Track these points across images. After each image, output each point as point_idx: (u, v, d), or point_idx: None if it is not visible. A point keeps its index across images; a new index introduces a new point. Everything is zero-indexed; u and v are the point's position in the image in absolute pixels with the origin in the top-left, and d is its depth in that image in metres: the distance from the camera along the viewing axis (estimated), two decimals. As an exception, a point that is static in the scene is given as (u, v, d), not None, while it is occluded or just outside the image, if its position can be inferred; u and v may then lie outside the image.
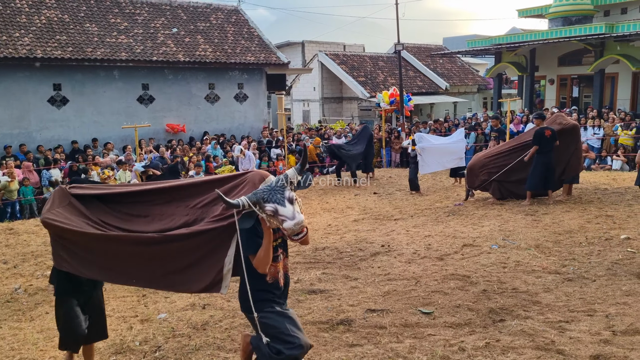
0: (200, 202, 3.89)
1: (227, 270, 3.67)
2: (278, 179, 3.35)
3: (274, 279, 3.55)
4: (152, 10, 20.19)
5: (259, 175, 3.67)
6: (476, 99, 33.48)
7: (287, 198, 3.26)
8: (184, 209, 3.95)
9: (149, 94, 18.62)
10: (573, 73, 24.89)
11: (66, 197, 4.26)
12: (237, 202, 3.29)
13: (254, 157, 15.03)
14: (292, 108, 32.91)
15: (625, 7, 23.99)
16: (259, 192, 3.30)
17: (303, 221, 3.23)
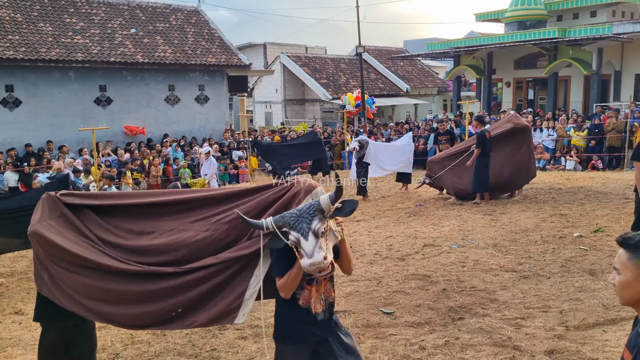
0: (228, 216, 3.34)
1: (250, 294, 3.20)
2: (310, 204, 2.88)
3: (307, 304, 3.03)
4: (109, 10, 19.76)
5: (306, 187, 3.18)
6: (436, 101, 34.05)
7: (313, 230, 2.78)
8: (204, 223, 3.41)
9: (106, 95, 18.20)
10: (528, 76, 25.63)
11: (58, 206, 3.66)
12: (261, 224, 2.96)
13: (215, 162, 14.82)
14: (254, 110, 32.75)
15: (577, 13, 24.85)
16: (287, 215, 2.89)
17: (320, 262, 2.72)
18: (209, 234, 3.33)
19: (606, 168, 14.89)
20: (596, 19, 23.74)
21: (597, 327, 4.91)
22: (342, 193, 2.89)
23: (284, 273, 2.93)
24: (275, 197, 3.26)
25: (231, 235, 3.29)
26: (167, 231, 3.47)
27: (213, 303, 3.27)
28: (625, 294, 1.93)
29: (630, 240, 1.91)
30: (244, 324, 5.38)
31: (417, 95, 32.00)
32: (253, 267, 3.17)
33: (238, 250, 3.21)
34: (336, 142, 18.49)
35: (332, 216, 2.89)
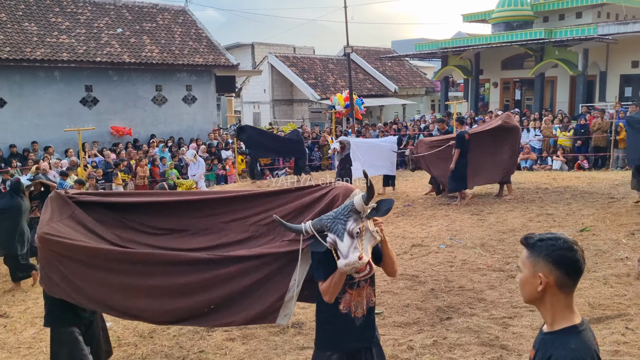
0: (267, 219, 3.28)
1: (289, 297, 3.16)
2: (345, 205, 2.89)
3: (348, 308, 3.00)
4: (95, 9, 19.58)
5: (344, 189, 3.16)
6: (424, 102, 34.16)
7: (348, 231, 2.79)
8: (241, 224, 3.34)
9: (92, 95, 18.03)
10: (515, 76, 25.80)
11: (68, 206, 3.52)
12: (300, 228, 2.95)
13: (203, 163, 14.69)
14: (242, 110, 32.63)
15: (563, 14, 25.06)
16: (325, 218, 2.90)
17: (355, 262, 2.72)
18: (248, 235, 3.30)
19: (592, 168, 15.03)
20: (582, 20, 23.95)
21: (584, 325, 4.94)
22: (374, 193, 2.87)
23: (327, 277, 2.90)
24: (313, 200, 3.23)
25: (269, 237, 3.25)
26: (201, 230, 3.40)
27: (250, 303, 3.20)
28: (524, 291, 1.97)
29: (530, 239, 1.95)
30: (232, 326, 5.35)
31: (405, 95, 32.09)
32: (291, 270, 3.13)
33: (273, 248, 3.15)
34: (324, 142, 18.49)
35: (369, 216, 2.87)
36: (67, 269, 3.39)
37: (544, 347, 1.92)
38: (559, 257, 1.89)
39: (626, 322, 4.94)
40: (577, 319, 1.96)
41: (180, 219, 3.45)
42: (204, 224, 3.40)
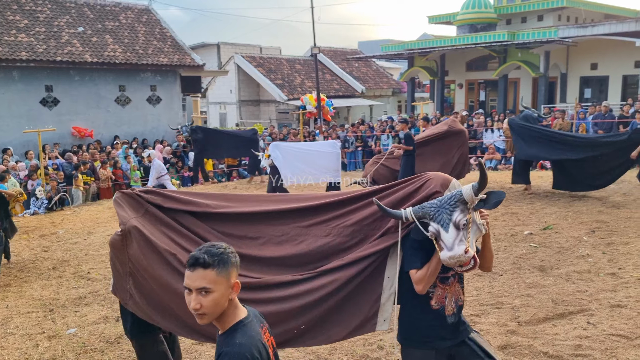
0: (352, 219, 3.10)
1: (386, 297, 2.95)
2: (451, 195, 2.74)
3: (440, 304, 2.88)
4: (56, 7, 19.06)
5: (441, 179, 2.99)
6: (391, 102, 34.47)
7: (453, 222, 2.65)
8: (321, 227, 3.12)
9: (53, 96, 17.56)
10: (480, 78, 26.29)
11: (139, 204, 3.28)
12: (400, 214, 2.80)
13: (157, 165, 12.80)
14: (208, 111, 32.30)
15: (525, 17, 25.66)
16: (427, 205, 2.75)
17: (461, 256, 2.60)
18: (329, 239, 3.08)
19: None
20: (543, 23, 24.57)
21: (547, 321, 5.06)
22: (487, 182, 2.71)
23: (422, 265, 2.78)
24: (407, 194, 3.04)
25: (354, 239, 3.05)
26: (276, 236, 3.17)
27: (347, 315, 2.99)
28: (218, 309, 1.99)
29: (209, 259, 1.97)
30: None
31: (372, 96, 32.31)
32: (382, 269, 2.95)
33: (363, 251, 2.94)
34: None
35: (476, 208, 2.73)
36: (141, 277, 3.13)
37: (217, 349, 2.01)
38: (236, 259, 2.05)
39: (588, 317, 5.07)
40: (243, 313, 2.08)
41: (251, 226, 3.23)
42: (279, 230, 3.18)
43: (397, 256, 2.90)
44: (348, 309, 2.98)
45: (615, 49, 20.59)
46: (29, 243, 9.38)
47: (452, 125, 11.21)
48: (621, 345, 4.49)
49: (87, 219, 11.40)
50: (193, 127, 14.61)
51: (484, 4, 25.22)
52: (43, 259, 8.29)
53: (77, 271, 7.57)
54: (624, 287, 5.80)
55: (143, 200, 3.29)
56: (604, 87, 22.28)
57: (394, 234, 2.91)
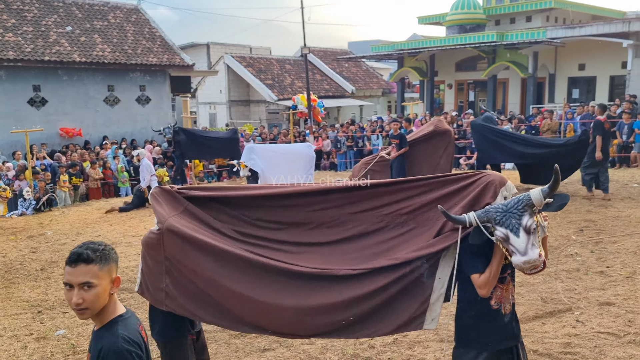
0: (406, 208, 3.06)
1: (436, 298, 2.94)
2: (517, 199, 2.73)
3: (499, 304, 2.89)
4: (43, 7, 18.91)
5: (498, 178, 2.96)
6: (381, 103, 34.57)
7: (524, 226, 2.64)
8: (373, 214, 3.09)
9: (40, 96, 17.41)
10: (469, 78, 26.43)
11: (178, 201, 3.22)
12: (463, 219, 2.76)
13: (146, 165, 12.92)
14: (198, 111, 32.18)
15: (514, 18, 25.83)
16: (492, 210, 2.73)
17: (536, 260, 2.62)
18: (382, 225, 3.06)
19: (542, 167, 15.51)
20: (531, 23, 24.75)
21: (537, 319, 5.09)
22: (558, 187, 2.70)
23: (484, 269, 2.79)
24: (459, 188, 3.00)
25: (406, 227, 3.03)
26: (326, 222, 3.14)
27: (395, 311, 2.98)
28: (99, 304, 2.06)
29: (92, 254, 2.04)
30: (190, 330, 5.25)
31: (362, 96, 32.37)
32: (434, 270, 2.93)
33: (418, 251, 2.91)
34: (282, 144, 18.44)
35: (540, 211, 2.74)
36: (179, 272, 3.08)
37: (95, 344, 2.06)
38: (116, 256, 2.15)
39: (577, 315, 5.12)
40: (122, 309, 2.16)
41: (299, 212, 3.19)
42: (328, 215, 3.14)
43: (450, 258, 2.90)
44: (397, 306, 2.97)
45: (602, 50, 20.79)
46: (17, 244, 9.29)
47: (438, 125, 11.29)
48: (610, 343, 4.53)
49: (76, 219, 11.32)
50: (175, 129, 14.37)
51: (473, 5, 25.36)
52: (31, 260, 8.21)
53: (66, 272, 7.50)
54: (612, 286, 5.85)
55: (182, 197, 3.25)
56: (592, 87, 22.48)
57: (450, 236, 2.88)
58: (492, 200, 2.85)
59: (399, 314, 2.97)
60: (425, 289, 2.93)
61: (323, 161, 18.34)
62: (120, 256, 8.19)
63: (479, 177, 2.97)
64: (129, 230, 10.06)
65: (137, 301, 6.16)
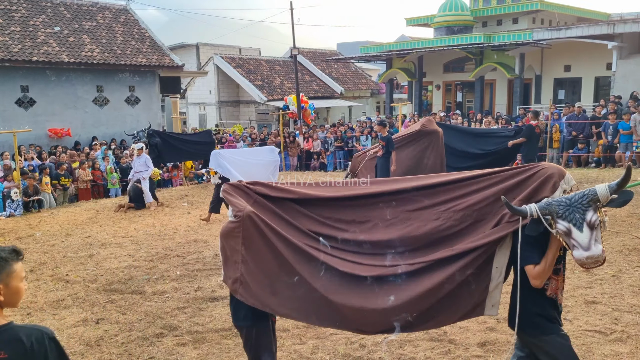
0: (463, 204, 3.09)
1: (494, 286, 3.00)
2: (582, 194, 2.70)
3: (554, 295, 2.95)
4: (31, 7, 18.77)
5: (557, 171, 2.93)
6: (370, 103, 34.67)
7: (588, 222, 2.64)
8: (430, 211, 3.14)
9: (28, 96, 17.28)
10: (457, 79, 26.61)
11: (247, 195, 3.31)
12: (525, 210, 2.77)
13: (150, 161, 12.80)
14: (188, 112, 32.08)
15: (501, 19, 26.04)
16: (555, 203, 2.72)
17: (599, 256, 2.65)
18: (439, 222, 3.08)
19: (529, 167, 15.67)
20: (518, 25, 24.96)
21: (525, 318, 5.17)
22: (627, 184, 2.67)
23: (540, 260, 2.82)
24: (518, 183, 3.01)
25: (464, 223, 3.05)
26: (385, 220, 3.19)
27: (457, 302, 3.03)
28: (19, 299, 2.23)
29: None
30: (182, 330, 5.27)
31: (351, 97, 32.46)
32: (491, 259, 2.97)
33: (474, 242, 2.95)
34: (272, 144, 18.46)
35: (604, 206, 2.73)
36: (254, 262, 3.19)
37: None
38: None
39: (564, 314, 5.19)
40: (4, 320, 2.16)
41: (359, 210, 3.26)
42: (386, 213, 3.20)
43: (506, 248, 2.94)
44: (458, 296, 3.02)
45: (587, 52, 21.03)
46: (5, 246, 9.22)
47: (425, 125, 11.29)
48: (597, 341, 4.62)
49: (65, 220, 11.26)
50: (150, 132, 14.10)
51: (461, 7, 25.53)
52: (20, 262, 8.15)
53: (55, 274, 7.48)
54: (599, 284, 5.96)
55: (251, 191, 3.33)
56: (577, 88, 22.73)
57: (505, 227, 2.91)
58: (551, 194, 2.85)
59: (461, 304, 3.03)
60: (484, 278, 2.99)
61: (313, 161, 18.39)
62: (110, 257, 8.20)
63: (537, 170, 2.98)
64: (119, 231, 10.05)
65: (127, 302, 6.17)
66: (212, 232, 9.70)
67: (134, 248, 8.74)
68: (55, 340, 2.16)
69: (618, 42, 19.46)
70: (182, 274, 7.19)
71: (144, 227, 10.42)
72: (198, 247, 8.62)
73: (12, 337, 2.10)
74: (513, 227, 2.88)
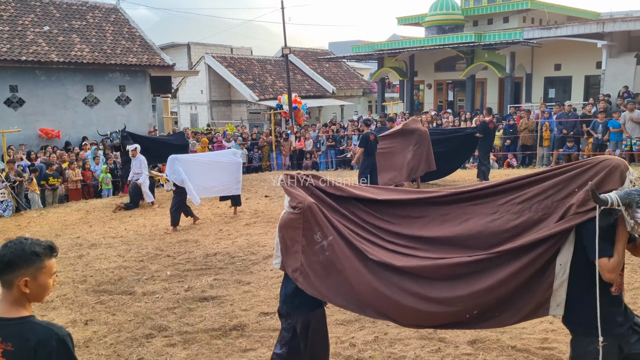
0: (521, 196, 3.05)
1: (559, 284, 2.89)
2: None
3: (619, 291, 2.88)
4: (20, 6, 18.64)
5: (622, 163, 2.89)
6: (362, 102, 34.70)
7: None
8: (488, 206, 3.11)
9: (18, 96, 17.15)
10: (448, 78, 26.69)
11: (306, 187, 3.39)
12: (606, 199, 2.68)
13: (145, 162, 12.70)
14: (179, 111, 31.98)
15: (491, 18, 26.14)
16: (634, 192, 2.66)
17: None
18: (496, 216, 3.04)
19: (520, 165, 15.78)
20: (509, 24, 25.06)
21: (515, 315, 5.19)
22: None
23: (612, 252, 2.73)
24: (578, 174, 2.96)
25: (521, 218, 2.99)
26: (441, 215, 3.20)
27: (519, 300, 2.96)
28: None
29: None
30: (172, 330, 5.25)
31: (342, 96, 32.47)
32: (554, 256, 2.88)
33: (539, 234, 2.87)
34: (263, 143, 18.44)
35: None
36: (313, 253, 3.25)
37: None
38: None
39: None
40: None
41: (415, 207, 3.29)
42: (443, 209, 3.21)
43: (569, 243, 2.87)
44: (521, 294, 2.97)
45: (577, 50, 21.15)
46: (-6, 247, 9.14)
47: (408, 124, 11.95)
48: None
49: (55, 221, 11.19)
50: (124, 134, 13.69)
51: (452, 6, 25.61)
52: (9, 263, 8.09)
53: (45, 275, 7.42)
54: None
55: (309, 184, 3.39)
56: (568, 87, 22.85)
57: (572, 218, 2.85)
58: (619, 185, 2.79)
59: (524, 303, 2.97)
60: (547, 275, 2.91)
61: (305, 161, 18.39)
62: (100, 257, 8.16)
63: (600, 162, 2.93)
64: (109, 232, 9.99)
65: (116, 303, 6.14)
66: (202, 232, 9.68)
67: (124, 248, 8.70)
68: (65, 343, 2.13)
69: (607, 41, 19.58)
70: (173, 274, 7.17)
71: (135, 227, 10.37)
72: (189, 247, 8.59)
73: (25, 331, 2.10)
74: (579, 219, 2.81)
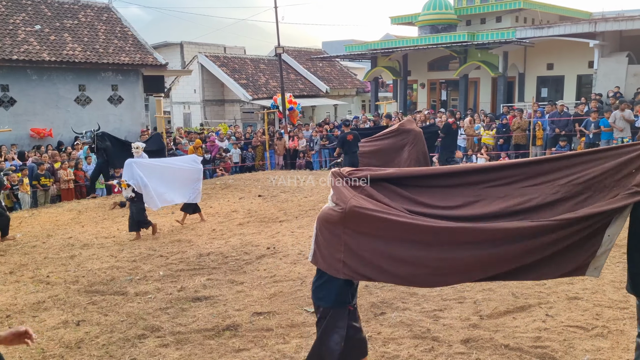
0: (583, 177, 3.15)
1: (602, 252, 3.07)
2: None
3: None
4: (11, 4, 18.49)
5: None
6: (355, 102, 34.69)
7: None
8: (548, 185, 3.19)
9: (9, 95, 17.02)
10: (441, 78, 26.72)
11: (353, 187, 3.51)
12: None
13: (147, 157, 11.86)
14: (172, 111, 31.85)
15: (484, 18, 26.20)
16: None
17: None
18: (558, 196, 3.14)
19: (513, 164, 15.80)
20: (501, 24, 25.13)
21: (508, 314, 5.20)
22: None
23: None
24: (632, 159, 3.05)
25: (583, 195, 3.11)
26: (498, 198, 3.26)
27: (563, 260, 3.12)
28: None
29: None
30: (165, 331, 5.22)
31: (336, 96, 32.45)
32: (605, 226, 3.02)
33: (598, 207, 3.00)
34: (257, 143, 18.40)
35: None
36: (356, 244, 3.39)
37: None
38: None
39: (546, 310, 5.24)
40: None
41: (466, 190, 3.36)
42: (500, 191, 3.28)
43: (622, 218, 3.00)
44: (565, 255, 3.12)
45: (570, 50, 21.23)
46: (-15, 248, 9.08)
47: (403, 124, 11.76)
48: (578, 336, 4.65)
49: (47, 221, 11.11)
50: (99, 134, 13.20)
51: (445, 5, 25.64)
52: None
53: (36, 275, 7.38)
54: (580, 280, 6.01)
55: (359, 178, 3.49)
56: (560, 86, 22.93)
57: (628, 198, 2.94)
58: None
59: (566, 263, 3.13)
60: (594, 243, 3.06)
61: (298, 160, 18.37)
62: (93, 258, 8.10)
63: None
64: (102, 232, 9.93)
65: (109, 303, 6.10)
66: (196, 232, 9.64)
67: (116, 249, 8.65)
68: None
69: (599, 40, 19.67)
70: (165, 274, 7.13)
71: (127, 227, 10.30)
72: (182, 247, 8.56)
73: None
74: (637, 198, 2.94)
